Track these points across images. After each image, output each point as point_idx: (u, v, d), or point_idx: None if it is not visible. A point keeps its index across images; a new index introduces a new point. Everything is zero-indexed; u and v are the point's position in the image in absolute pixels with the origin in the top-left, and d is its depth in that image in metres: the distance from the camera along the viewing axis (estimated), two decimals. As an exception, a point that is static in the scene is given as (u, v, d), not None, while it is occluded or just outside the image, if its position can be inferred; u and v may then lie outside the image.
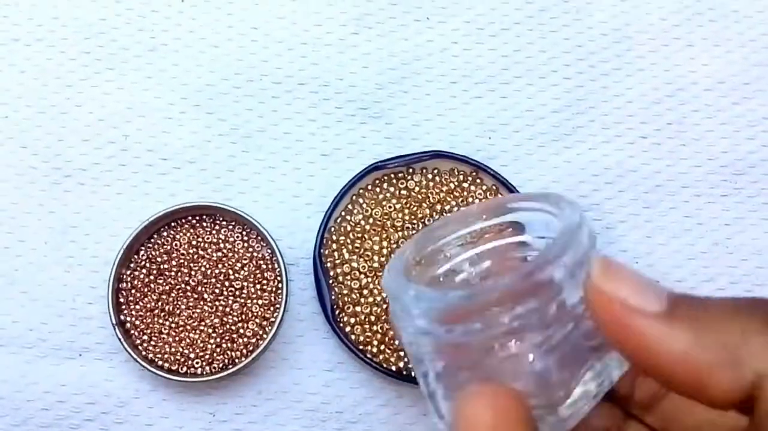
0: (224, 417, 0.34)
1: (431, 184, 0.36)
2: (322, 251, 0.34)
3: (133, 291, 0.34)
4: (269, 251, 0.34)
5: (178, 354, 0.33)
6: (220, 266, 0.34)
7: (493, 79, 0.37)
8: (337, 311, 0.34)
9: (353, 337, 0.34)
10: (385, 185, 0.36)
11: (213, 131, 0.37)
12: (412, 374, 0.33)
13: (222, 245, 0.34)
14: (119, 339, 0.33)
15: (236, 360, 0.33)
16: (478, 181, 0.36)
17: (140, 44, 0.37)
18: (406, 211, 0.35)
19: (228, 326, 0.33)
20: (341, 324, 0.34)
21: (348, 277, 0.34)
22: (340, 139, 0.37)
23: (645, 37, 0.38)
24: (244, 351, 0.33)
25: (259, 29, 0.37)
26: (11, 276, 0.35)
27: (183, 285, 0.34)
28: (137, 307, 0.34)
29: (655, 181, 0.37)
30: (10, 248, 0.35)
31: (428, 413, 0.34)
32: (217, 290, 0.34)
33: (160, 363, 0.33)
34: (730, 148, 0.37)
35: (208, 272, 0.34)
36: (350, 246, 0.35)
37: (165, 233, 0.35)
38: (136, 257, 0.34)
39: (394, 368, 0.33)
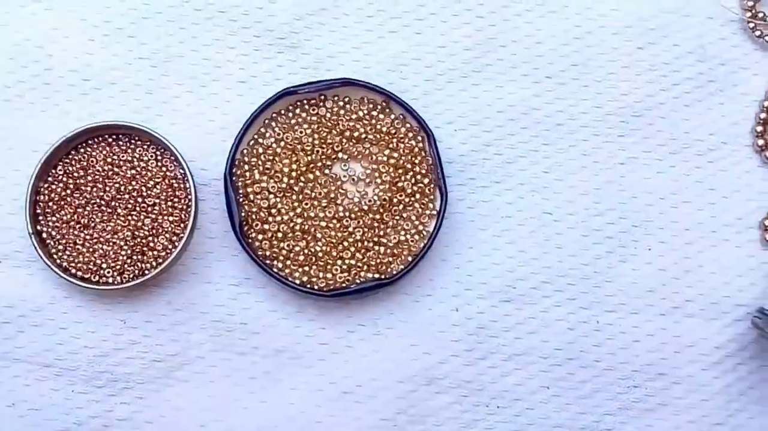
0: (134, 324, 0.40)
1: (342, 111, 0.41)
2: (233, 171, 0.40)
3: (50, 204, 0.39)
4: (181, 171, 0.40)
5: (91, 263, 0.39)
6: (133, 183, 0.39)
7: (408, 14, 0.42)
8: (246, 228, 0.40)
9: (260, 252, 0.39)
10: (297, 111, 0.41)
11: (134, 54, 0.42)
12: (315, 287, 0.39)
13: (136, 164, 0.40)
14: (34, 247, 0.38)
15: (146, 272, 0.39)
16: (387, 110, 0.41)
17: (63, -34, 0.42)
18: (316, 136, 0.41)
19: (139, 239, 0.39)
20: (249, 240, 0.39)
21: (258, 196, 0.40)
22: (257, 67, 0.42)
23: (557, -20, 0.43)
24: (154, 263, 0.39)
25: (181, -44, 0.42)
26: (-67, 186, 0.40)
27: (98, 200, 0.39)
28: (54, 218, 0.39)
29: (557, 119, 0.42)
30: (-67, 159, 0.40)
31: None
32: (129, 206, 0.39)
33: (73, 271, 0.39)
34: (629, 90, 0.43)
35: (122, 188, 0.39)
36: (261, 168, 0.40)
37: (82, 150, 0.40)
38: (54, 171, 0.39)
39: (297, 282, 0.39)
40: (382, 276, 0.40)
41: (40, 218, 0.39)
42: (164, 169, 0.40)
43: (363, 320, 0.40)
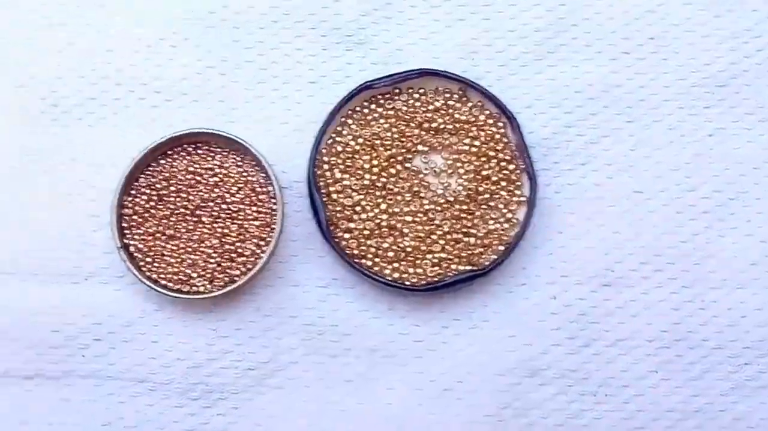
0: (225, 332, 0.40)
1: (418, 103, 0.41)
2: (314, 170, 0.40)
3: (135, 217, 0.39)
4: (263, 175, 0.40)
5: (181, 273, 0.39)
6: (216, 190, 0.40)
7: (475, 0, 0.42)
8: (331, 228, 0.39)
9: (348, 251, 0.39)
10: (372, 106, 0.41)
11: (203, 62, 0.42)
12: (406, 283, 0.39)
13: (218, 171, 0.40)
14: (124, 261, 0.38)
15: (235, 278, 0.39)
16: (464, 99, 0.41)
17: (129, -19, 0.42)
18: (394, 130, 0.40)
19: (227, 246, 0.39)
20: (336, 239, 0.39)
21: (341, 195, 0.40)
22: (326, 66, 0.42)
23: (625, -46, 0.42)
24: (243, 269, 0.39)
25: (244, -39, 0.42)
26: (14, 208, 0.41)
27: (182, 210, 0.39)
28: (140, 231, 0.39)
29: (639, 95, 0.42)
30: (14, 181, 0.41)
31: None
32: (215, 213, 0.39)
33: (163, 283, 0.39)
34: (712, 60, 0.42)
35: (206, 196, 0.40)
36: (342, 166, 0.40)
37: (163, 161, 0.40)
38: (136, 184, 0.40)
39: (389, 279, 0.39)
40: (475, 267, 0.39)
41: (126, 231, 0.39)
42: (245, 174, 0.40)
43: (457, 315, 0.40)
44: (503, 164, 0.40)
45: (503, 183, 0.40)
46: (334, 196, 0.40)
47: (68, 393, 0.39)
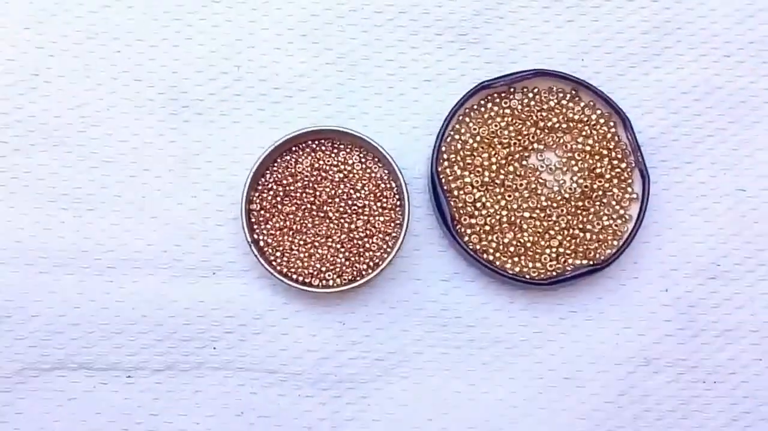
0: (353, 325, 0.41)
1: (532, 102, 0.42)
2: (437, 167, 0.41)
3: (262, 212, 0.41)
4: (386, 171, 0.41)
5: (311, 267, 0.40)
6: (342, 186, 0.41)
7: (584, 2, 0.44)
8: (454, 224, 0.41)
9: (471, 246, 0.41)
10: (489, 105, 0.42)
11: (320, 59, 0.43)
12: (527, 277, 0.41)
13: (342, 167, 0.41)
14: (255, 256, 0.40)
15: (363, 272, 0.40)
16: (577, 99, 0.43)
17: (246, -23, 0.43)
18: (511, 128, 0.42)
19: (355, 241, 0.40)
20: (458, 235, 0.41)
21: (461, 191, 0.41)
22: (441, 64, 0.43)
23: (726, -41, 0.44)
24: (371, 263, 0.40)
25: (362, -40, 0.43)
26: (140, 203, 0.42)
27: (309, 205, 0.41)
28: (267, 226, 0.41)
29: (739, 97, 0.44)
30: (136, 176, 0.42)
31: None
32: (341, 209, 0.41)
33: (294, 277, 0.40)
34: (807, 63, 0.44)
35: (332, 192, 0.41)
36: (461, 163, 0.42)
37: (287, 158, 0.41)
38: (262, 179, 0.41)
39: (510, 272, 0.41)
40: (591, 262, 0.41)
41: (255, 226, 0.40)
42: (369, 170, 0.41)
43: (573, 307, 0.42)
44: (615, 162, 0.42)
45: (615, 181, 0.42)
46: (455, 192, 0.42)
47: (200, 384, 0.41)
